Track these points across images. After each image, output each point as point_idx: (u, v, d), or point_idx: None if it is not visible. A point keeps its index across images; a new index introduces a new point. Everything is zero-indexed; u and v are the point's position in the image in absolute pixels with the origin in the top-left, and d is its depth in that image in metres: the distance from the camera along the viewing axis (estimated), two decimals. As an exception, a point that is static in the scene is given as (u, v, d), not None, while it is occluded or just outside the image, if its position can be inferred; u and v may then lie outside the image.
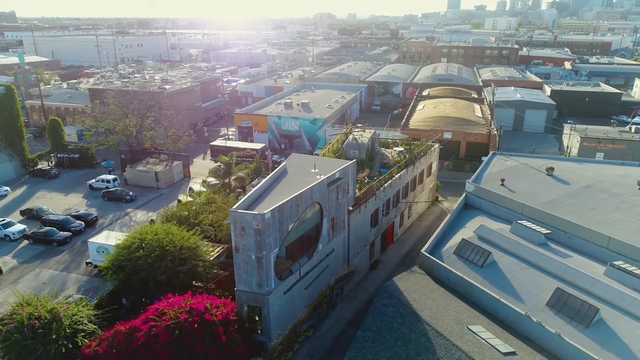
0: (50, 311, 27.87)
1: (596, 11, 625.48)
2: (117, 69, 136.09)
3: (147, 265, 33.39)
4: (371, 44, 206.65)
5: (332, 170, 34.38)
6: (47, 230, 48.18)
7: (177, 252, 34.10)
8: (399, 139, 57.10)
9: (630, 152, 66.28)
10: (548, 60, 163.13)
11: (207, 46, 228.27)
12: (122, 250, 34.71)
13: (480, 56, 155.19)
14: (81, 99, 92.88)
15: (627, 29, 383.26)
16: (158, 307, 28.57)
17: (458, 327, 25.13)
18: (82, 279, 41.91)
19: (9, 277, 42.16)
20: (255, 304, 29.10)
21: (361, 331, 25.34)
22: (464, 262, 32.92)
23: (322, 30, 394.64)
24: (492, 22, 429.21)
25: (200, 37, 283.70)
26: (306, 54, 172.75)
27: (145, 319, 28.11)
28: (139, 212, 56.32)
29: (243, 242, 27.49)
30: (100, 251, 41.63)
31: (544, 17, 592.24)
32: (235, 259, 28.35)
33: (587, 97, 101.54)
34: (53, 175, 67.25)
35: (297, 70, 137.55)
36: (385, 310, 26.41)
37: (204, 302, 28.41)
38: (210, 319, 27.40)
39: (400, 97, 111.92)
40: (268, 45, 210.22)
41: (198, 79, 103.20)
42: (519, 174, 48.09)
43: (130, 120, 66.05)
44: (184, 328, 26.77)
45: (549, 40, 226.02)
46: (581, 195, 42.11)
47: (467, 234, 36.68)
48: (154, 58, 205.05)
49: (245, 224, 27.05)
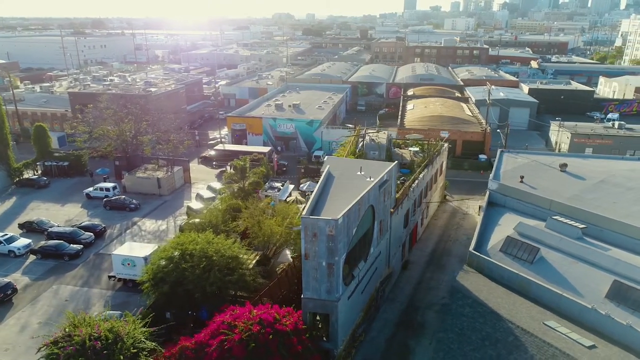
0: (111, 330, 26.26)
1: (544, 12, 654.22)
2: (89, 71, 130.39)
3: (195, 276, 32.11)
4: (342, 44, 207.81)
5: (377, 172, 34.24)
6: (57, 243, 45.48)
7: (224, 262, 32.98)
8: (412, 139, 57.57)
9: (616, 146, 69.69)
10: (515, 59, 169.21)
11: (174, 47, 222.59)
12: (164, 261, 33.22)
13: (452, 56, 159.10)
14: (59, 104, 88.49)
15: (575, 29, 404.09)
16: (223, 319, 27.49)
17: (535, 323, 25.58)
18: (106, 294, 39.83)
19: (26, 296, 39.51)
20: (323, 311, 28.54)
21: (443, 333, 25.34)
22: (512, 259, 33.54)
23: (286, 30, 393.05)
24: (451, 22, 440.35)
25: (163, 38, 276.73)
26: (280, 54, 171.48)
27: (212, 332, 27.00)
28: (147, 220, 54.13)
29: (314, 248, 26.89)
30: (125, 264, 39.74)
31: (497, 18, 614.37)
32: (304, 266, 27.68)
33: (562, 94, 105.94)
34: (43, 184, 63.65)
35: (275, 71, 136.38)
36: (463, 311, 26.54)
37: (271, 312, 27.59)
38: (282, 329, 26.65)
39: (384, 97, 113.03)
40: (237, 46, 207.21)
41: (181, 81, 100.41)
42: (533, 171, 49.43)
43: (127, 124, 63.46)
44: (258, 340, 25.91)
45: (510, 40, 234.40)
46: (599, 190, 43.76)
47: (505, 232, 37.36)
48: (119, 59, 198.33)
49: (318, 230, 26.47)
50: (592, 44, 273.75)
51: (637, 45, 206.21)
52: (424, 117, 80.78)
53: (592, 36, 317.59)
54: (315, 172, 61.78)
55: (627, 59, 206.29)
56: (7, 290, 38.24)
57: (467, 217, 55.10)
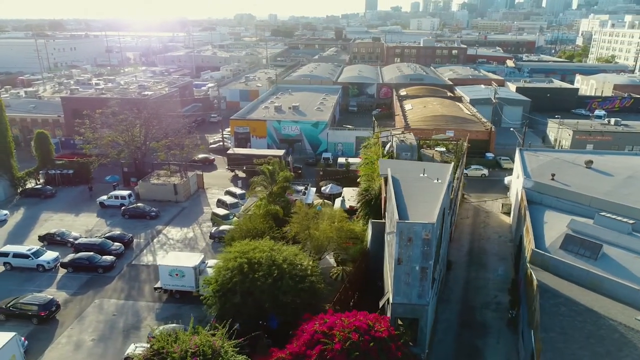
0: (209, 345, 25.23)
1: (502, 12, 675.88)
2: (72, 74, 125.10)
3: (267, 285, 31.32)
4: (318, 45, 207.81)
5: (438, 174, 34.47)
6: (89, 255, 43.45)
7: (294, 270, 32.34)
8: (439, 140, 58.19)
9: (616, 142, 72.76)
10: (491, 58, 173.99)
11: (146, 49, 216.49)
12: (230, 272, 32.21)
13: (431, 56, 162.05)
14: (50, 109, 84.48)
15: (534, 28, 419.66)
16: (315, 329, 26.94)
17: (629, 319, 26.33)
18: (155, 307, 38.35)
19: (69, 312, 37.54)
20: (412, 316, 28.47)
21: (544, 332, 25.70)
22: (575, 256, 34.38)
23: (253, 31, 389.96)
24: (417, 22, 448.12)
25: (130, 39, 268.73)
26: (259, 55, 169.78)
27: (306, 342, 26.43)
28: (172, 229, 52.49)
29: (408, 253, 26.79)
30: (173, 274, 38.37)
31: (457, 18, 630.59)
32: (397, 271, 27.52)
33: (548, 93, 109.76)
34: (49, 194, 60.74)
35: (260, 73, 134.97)
36: (559, 310, 27.00)
37: (364, 319, 27.28)
38: (379, 335, 26.40)
39: (375, 98, 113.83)
40: (213, 47, 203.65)
41: (173, 84, 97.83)
42: (559, 168, 50.81)
43: (138, 130, 61.31)
44: (359, 348, 25.57)
45: (480, 40, 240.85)
46: (630, 186, 45.48)
47: (555, 229, 38.30)
48: (90, 62, 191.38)
49: (413, 235, 26.38)
50: (556, 43, 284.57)
51: (601, 44, 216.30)
52: (427, 117, 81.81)
53: (553, 35, 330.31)
54: (334, 174, 61.63)
55: (592, 57, 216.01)
56: (51, 307, 36.27)
57: (491, 216, 56.19)
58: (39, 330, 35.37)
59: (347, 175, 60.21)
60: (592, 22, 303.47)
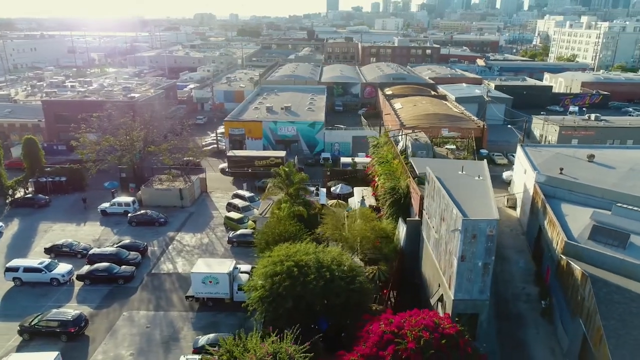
0: (286, 353, 24.62)
1: (460, 13, 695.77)
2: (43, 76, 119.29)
3: (319, 288, 30.93)
4: (291, 45, 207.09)
5: (476, 171, 35.05)
6: (107, 266, 41.60)
7: (343, 271, 32.08)
8: (448, 137, 59.08)
9: (598, 137, 76.13)
10: (462, 58, 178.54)
11: (111, 50, 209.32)
12: (278, 277, 31.55)
13: (406, 55, 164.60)
14: (28, 114, 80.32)
15: (492, 28, 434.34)
16: (384, 329, 26.82)
17: (676, 304, 27.60)
18: (189, 316, 37.16)
19: (98, 327, 35.81)
20: (472, 311, 28.81)
21: (604, 320, 26.58)
22: (604, 246, 35.71)
23: (218, 31, 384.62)
24: (381, 22, 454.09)
25: (92, 39, 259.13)
26: (234, 55, 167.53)
27: (376, 343, 26.26)
28: (185, 235, 51.03)
29: (472, 249, 27.10)
30: (207, 282, 37.31)
31: (418, 18, 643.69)
32: (459, 268, 27.77)
33: (525, 90, 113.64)
34: (43, 203, 57.79)
35: (239, 73, 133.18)
36: (613, 298, 27.96)
37: (427, 317, 27.38)
38: (448, 332, 26.57)
39: (359, 97, 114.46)
40: (183, 47, 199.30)
41: (158, 86, 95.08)
42: (563, 163, 52.48)
43: (138, 133, 59.25)
44: (433, 346, 25.66)
45: (446, 39, 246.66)
46: (634, 178, 47.59)
47: (577, 221, 39.66)
48: (52, 63, 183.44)
49: (478, 231, 26.72)
50: (516, 43, 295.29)
51: (561, 44, 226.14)
52: (419, 115, 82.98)
53: (512, 35, 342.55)
54: (342, 174, 61.50)
55: (552, 56, 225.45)
56: (80, 323, 34.49)
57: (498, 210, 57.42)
58: (70, 347, 33.58)
59: (354, 174, 60.23)
60: (547, 23, 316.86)
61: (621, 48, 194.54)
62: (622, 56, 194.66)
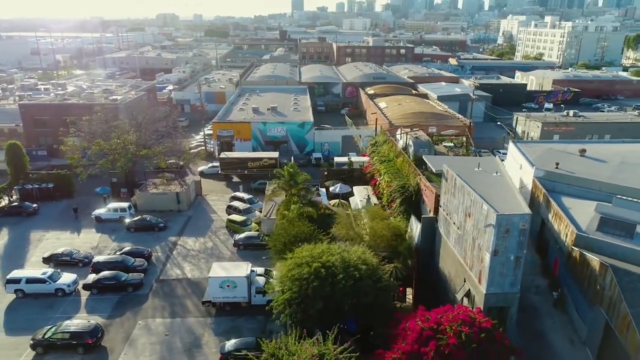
0: (329, 353, 24.45)
1: (424, 13, 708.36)
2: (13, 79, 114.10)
3: (348, 288, 30.87)
4: (264, 45, 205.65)
5: (492, 168, 35.78)
6: (115, 274, 40.22)
7: (369, 270, 32.13)
8: (446, 135, 59.95)
9: (578, 132, 79.17)
10: (435, 57, 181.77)
11: (77, 51, 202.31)
12: (306, 278, 31.29)
13: (381, 55, 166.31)
14: (3, 118, 76.67)
15: (456, 28, 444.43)
16: (422, 326, 27.02)
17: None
18: (208, 321, 36.37)
19: (114, 337, 34.57)
20: (504, 304, 29.39)
21: (631, 308, 27.63)
22: (612, 236, 37.09)
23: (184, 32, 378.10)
24: (349, 22, 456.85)
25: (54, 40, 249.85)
26: (207, 56, 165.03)
27: (415, 340, 26.44)
28: (187, 239, 49.93)
29: (504, 244, 27.63)
30: (224, 286, 36.63)
31: (383, 18, 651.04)
32: (492, 262, 28.27)
33: (501, 88, 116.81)
34: (32, 211, 55.33)
35: (216, 74, 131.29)
36: (636, 286, 29.09)
37: (461, 312, 27.77)
38: (485, 326, 27.03)
39: (340, 97, 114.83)
40: (153, 48, 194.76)
41: (138, 87, 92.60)
42: (557, 157, 54.12)
43: (131, 136, 57.57)
44: (473, 340, 26.04)
45: (416, 39, 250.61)
46: (626, 171, 49.36)
47: (581, 213, 41.06)
48: (14, 65, 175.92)
49: (511, 226, 27.28)
50: (481, 42, 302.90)
51: (527, 43, 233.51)
52: (406, 114, 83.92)
53: (476, 35, 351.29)
54: (340, 173, 61.57)
55: (519, 55, 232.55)
56: (97, 334, 33.21)
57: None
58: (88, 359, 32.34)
59: (352, 174, 60.40)
60: (511, 23, 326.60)
61: (584, 47, 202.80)
62: (585, 54, 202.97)
